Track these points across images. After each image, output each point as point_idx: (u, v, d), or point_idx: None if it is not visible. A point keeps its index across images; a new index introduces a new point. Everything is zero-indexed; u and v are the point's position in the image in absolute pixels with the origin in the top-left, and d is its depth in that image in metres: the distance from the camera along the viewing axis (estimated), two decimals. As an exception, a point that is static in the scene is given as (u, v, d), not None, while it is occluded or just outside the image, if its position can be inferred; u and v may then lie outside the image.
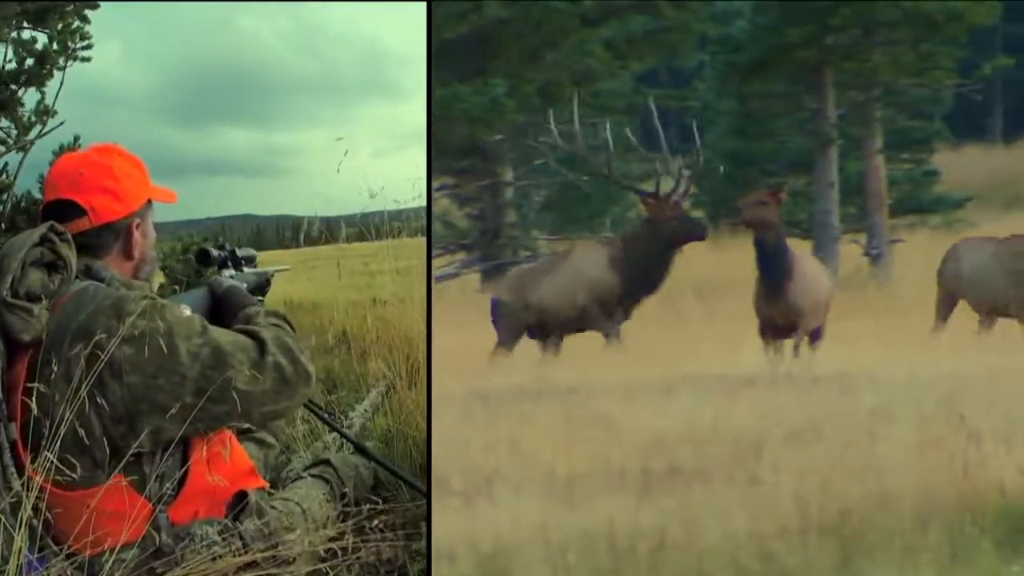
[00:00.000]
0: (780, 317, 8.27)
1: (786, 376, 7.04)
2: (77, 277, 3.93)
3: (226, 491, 4.10)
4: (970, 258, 8.64)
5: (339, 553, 4.32)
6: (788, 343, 8.31)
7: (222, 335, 3.92)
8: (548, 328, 8.84)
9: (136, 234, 4.18)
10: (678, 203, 8.59)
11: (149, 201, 4.31)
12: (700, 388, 6.82)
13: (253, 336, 4.02)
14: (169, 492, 3.85)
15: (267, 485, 4.52)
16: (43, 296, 3.76)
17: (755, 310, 8.38)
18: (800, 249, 8.63)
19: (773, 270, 8.21)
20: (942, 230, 11.17)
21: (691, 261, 9.65)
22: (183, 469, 3.91)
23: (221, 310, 4.59)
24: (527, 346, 8.91)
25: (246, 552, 3.99)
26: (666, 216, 8.51)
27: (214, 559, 3.88)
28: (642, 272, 8.66)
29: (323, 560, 4.29)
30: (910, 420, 5.68)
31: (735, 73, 11.83)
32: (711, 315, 9.07)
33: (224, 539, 3.97)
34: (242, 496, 4.14)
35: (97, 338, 3.64)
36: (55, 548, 3.75)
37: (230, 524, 4.05)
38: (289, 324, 4.33)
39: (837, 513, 4.86)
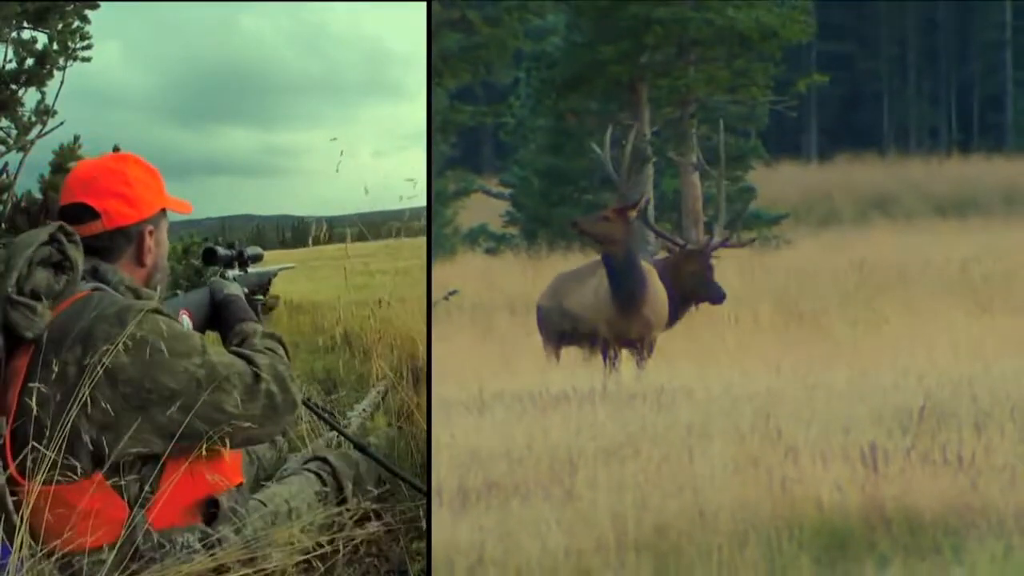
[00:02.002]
0: (632, 331, 8.20)
1: (602, 392, 6.96)
2: (84, 278, 4.03)
3: (201, 492, 4.13)
4: None
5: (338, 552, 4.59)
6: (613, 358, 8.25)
7: (219, 357, 4.02)
8: (581, 337, 8.62)
9: (149, 241, 4.28)
10: (706, 259, 8.44)
11: (164, 211, 4.42)
12: (514, 404, 6.74)
13: (249, 361, 4.11)
14: (147, 494, 3.88)
15: (244, 481, 4.53)
16: (48, 295, 3.85)
17: (600, 323, 8.27)
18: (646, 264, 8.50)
19: (623, 286, 8.12)
20: (758, 246, 11.26)
21: (505, 278, 9.58)
22: (157, 470, 3.92)
23: (218, 316, 4.74)
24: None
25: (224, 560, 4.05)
26: (689, 270, 8.36)
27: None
28: None
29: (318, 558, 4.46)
30: (727, 436, 5.71)
31: (550, 90, 11.81)
32: (526, 333, 9.00)
33: (205, 546, 4.02)
34: (213, 503, 4.16)
35: (97, 344, 3.73)
36: (33, 545, 3.75)
37: (210, 532, 4.09)
38: (284, 347, 4.47)
39: (654, 529, 4.80)
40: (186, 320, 4.51)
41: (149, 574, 3.84)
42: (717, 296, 8.56)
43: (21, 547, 3.65)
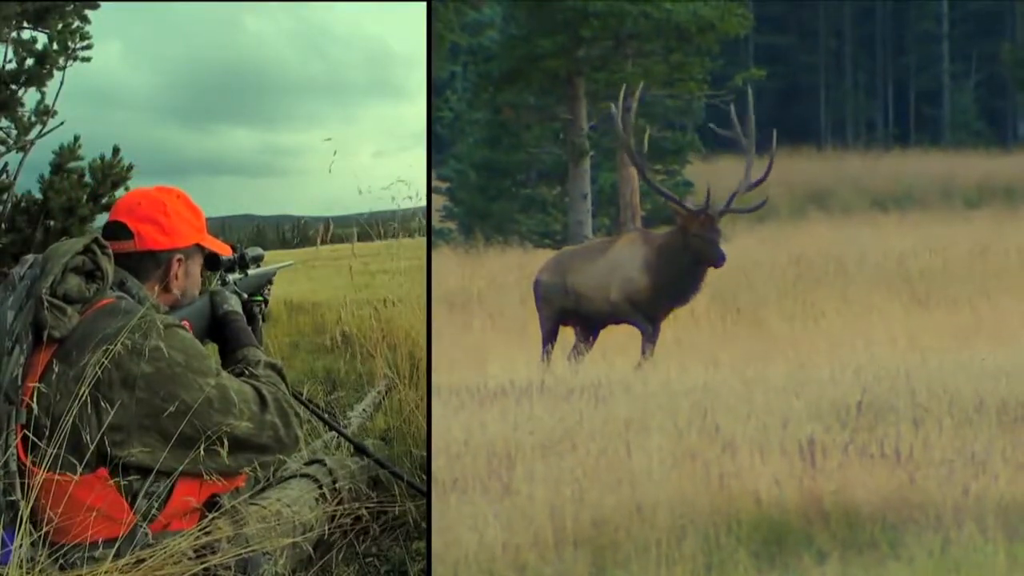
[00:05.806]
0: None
1: (540, 386, 6.93)
2: (111, 288, 4.23)
3: (200, 499, 4.24)
4: None
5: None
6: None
7: (231, 382, 4.18)
8: (583, 316, 8.55)
9: (176, 268, 4.53)
10: (708, 220, 8.27)
11: (199, 247, 4.67)
12: (451, 399, 6.72)
13: (257, 391, 4.26)
14: (155, 512, 4.00)
15: (243, 485, 4.64)
16: (78, 300, 4.06)
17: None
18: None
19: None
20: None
21: (442, 273, 9.55)
22: (168, 487, 4.04)
23: (219, 331, 4.80)
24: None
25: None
26: (692, 231, 8.22)
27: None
28: (670, 281, 8.34)
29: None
30: (665, 430, 5.71)
31: (487, 83, 11.78)
32: (463, 327, 8.98)
33: (197, 553, 4.09)
34: (214, 501, 4.30)
35: (119, 348, 3.88)
36: (33, 531, 3.88)
37: (204, 537, 4.16)
38: (284, 380, 4.55)
39: (591, 523, 4.83)
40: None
41: (139, 572, 3.89)
42: (719, 257, 8.31)
43: (24, 534, 3.77)
